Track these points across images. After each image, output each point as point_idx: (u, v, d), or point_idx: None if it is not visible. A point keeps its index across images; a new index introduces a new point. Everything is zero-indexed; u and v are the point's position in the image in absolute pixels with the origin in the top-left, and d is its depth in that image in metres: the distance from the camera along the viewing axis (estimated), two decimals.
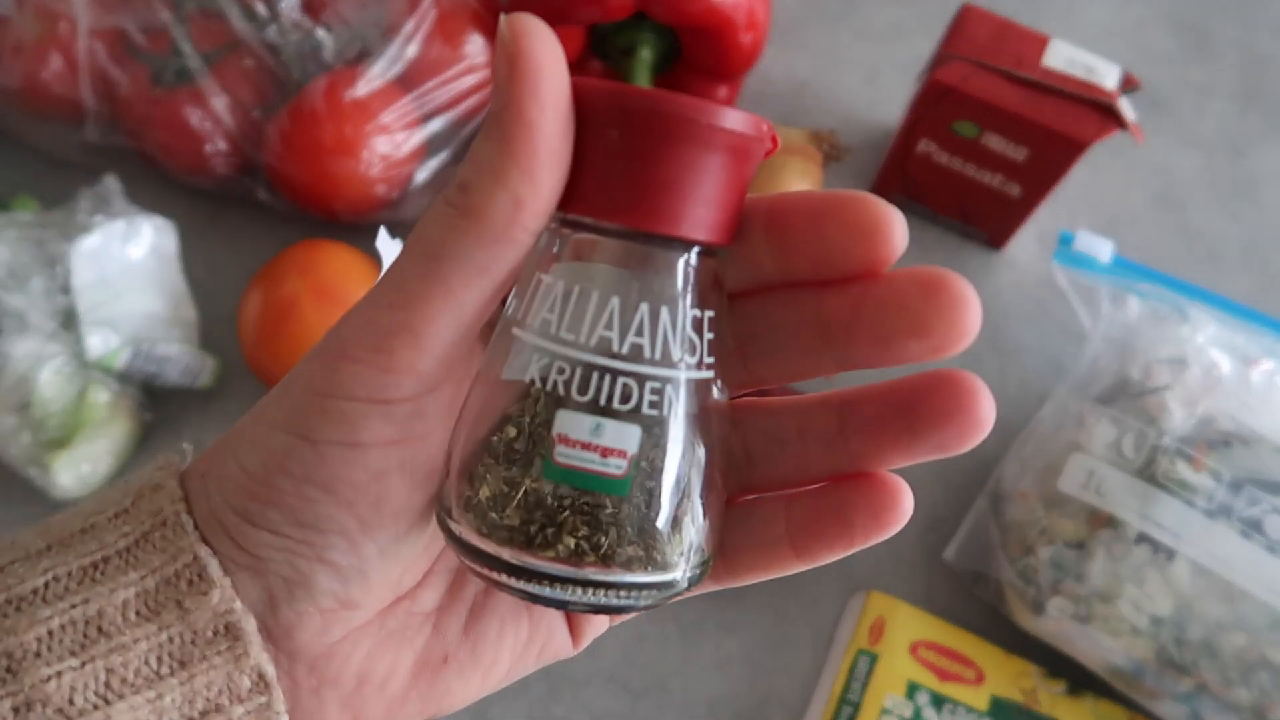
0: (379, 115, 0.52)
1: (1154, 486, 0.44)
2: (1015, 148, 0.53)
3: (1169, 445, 0.45)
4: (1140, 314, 0.50)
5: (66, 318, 0.49)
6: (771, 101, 0.65)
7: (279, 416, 0.23)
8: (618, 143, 0.22)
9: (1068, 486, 0.45)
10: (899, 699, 0.46)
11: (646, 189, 0.22)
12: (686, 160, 0.22)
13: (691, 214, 0.23)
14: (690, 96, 0.22)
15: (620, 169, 0.22)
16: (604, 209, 0.23)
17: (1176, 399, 0.46)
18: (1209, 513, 0.43)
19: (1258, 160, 0.65)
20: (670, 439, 0.23)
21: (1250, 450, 0.44)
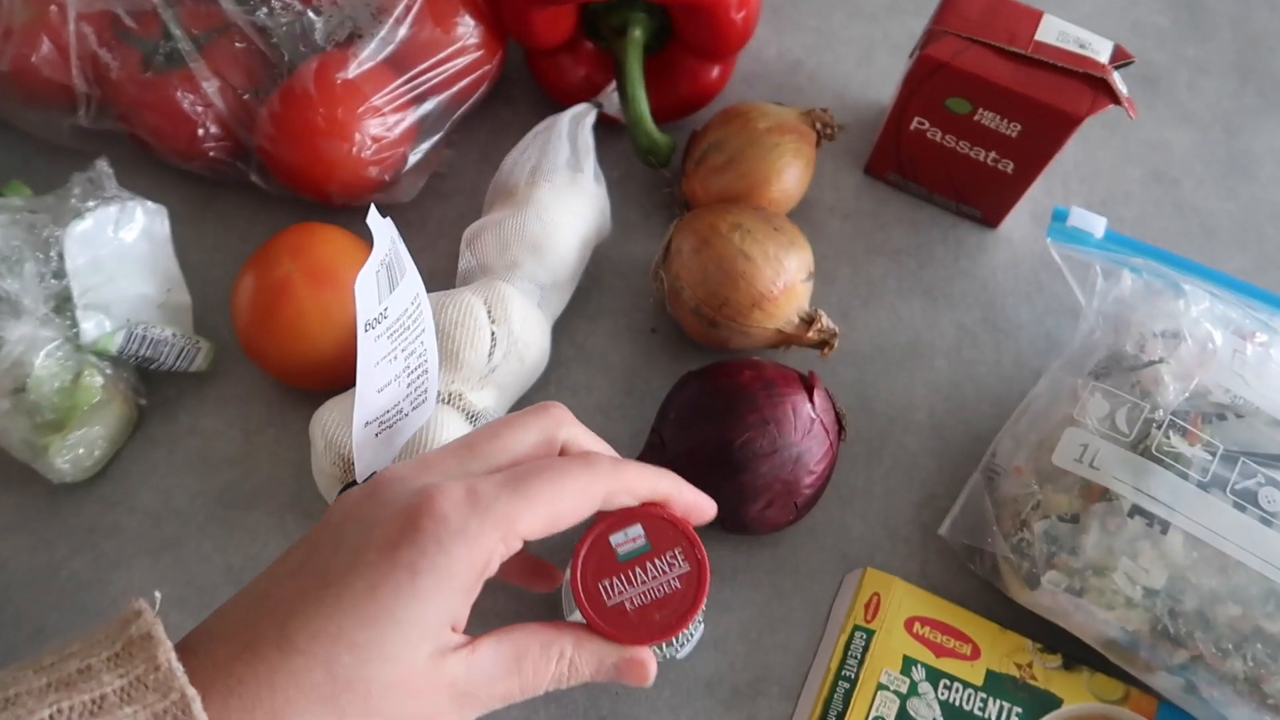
0: (370, 97, 0.52)
1: (1148, 459, 0.44)
2: (1008, 123, 0.53)
3: (1163, 418, 0.45)
4: (1134, 288, 0.50)
5: (60, 302, 0.49)
6: (764, 81, 0.65)
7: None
8: None
9: (1062, 460, 0.45)
10: (895, 674, 0.46)
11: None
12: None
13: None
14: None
15: None
16: None
17: (1170, 372, 0.46)
18: (1203, 485, 0.43)
19: (1253, 137, 0.65)
20: None
21: (1245, 423, 0.45)
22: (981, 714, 0.46)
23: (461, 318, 0.48)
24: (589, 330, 0.57)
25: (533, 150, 0.54)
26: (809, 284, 0.51)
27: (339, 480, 0.46)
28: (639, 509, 0.38)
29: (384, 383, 0.39)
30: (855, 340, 0.57)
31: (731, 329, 0.50)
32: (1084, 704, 0.46)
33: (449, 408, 0.48)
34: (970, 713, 0.46)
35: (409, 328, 0.40)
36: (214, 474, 0.52)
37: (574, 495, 0.34)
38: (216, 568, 0.50)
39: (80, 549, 0.50)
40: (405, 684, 0.31)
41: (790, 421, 0.46)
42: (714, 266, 0.49)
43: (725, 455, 0.46)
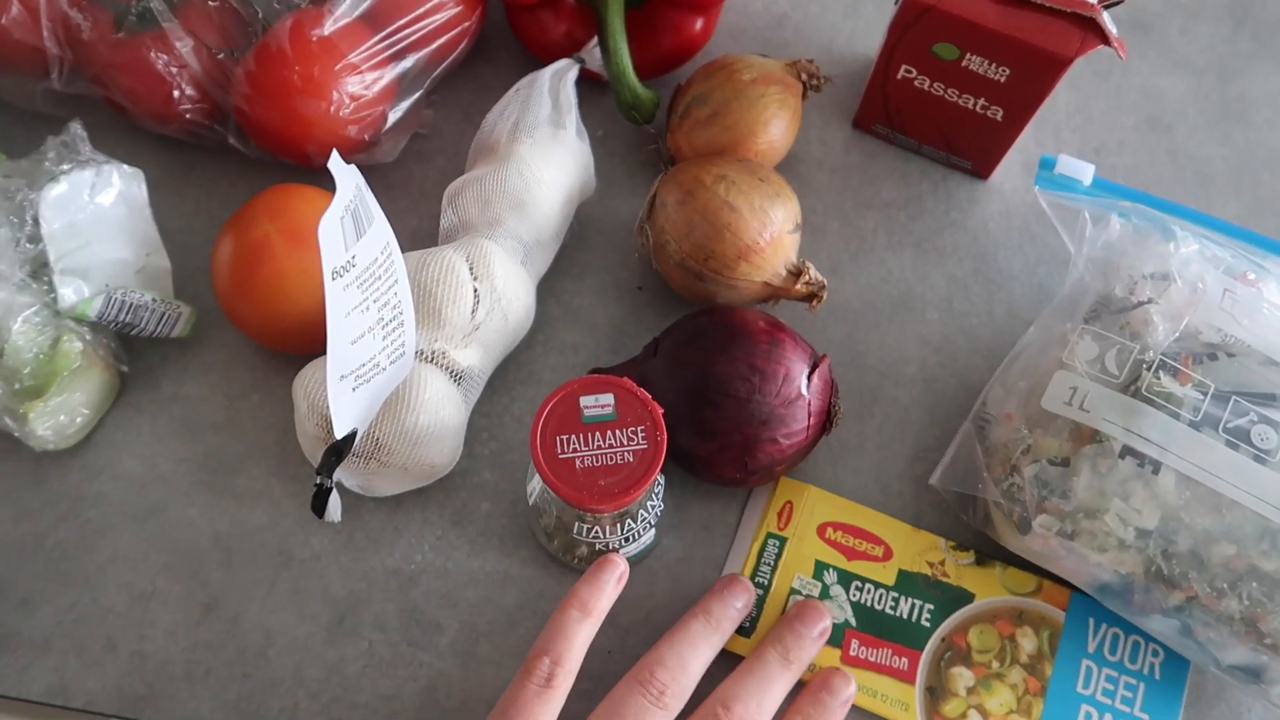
0: (347, 54, 0.52)
1: (1138, 400, 0.43)
2: (996, 68, 0.52)
3: (1153, 359, 0.44)
4: (1122, 233, 0.49)
5: (37, 268, 0.48)
6: (749, 35, 0.64)
7: None
8: None
9: (1051, 404, 0.45)
10: (807, 579, 0.48)
11: None
12: None
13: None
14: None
15: None
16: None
17: (1160, 313, 0.45)
18: (1194, 424, 0.42)
19: (1248, 82, 0.64)
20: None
21: (1236, 362, 0.44)
22: (893, 613, 0.47)
23: (443, 274, 0.47)
24: (575, 289, 0.56)
25: (514, 106, 0.53)
26: (796, 235, 0.50)
27: (323, 442, 0.46)
28: (616, 380, 0.41)
29: (356, 335, 0.39)
30: (846, 295, 0.56)
31: (718, 282, 0.49)
32: (996, 598, 0.48)
33: (432, 366, 0.47)
34: (882, 612, 0.47)
35: (380, 278, 0.40)
36: (198, 440, 0.52)
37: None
38: (203, 534, 0.50)
39: (65, 517, 0.50)
40: None
41: (776, 382, 0.45)
42: (699, 219, 0.48)
43: (702, 383, 0.46)
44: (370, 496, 0.49)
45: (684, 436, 0.46)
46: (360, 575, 0.49)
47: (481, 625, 0.48)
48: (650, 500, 0.45)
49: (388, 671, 0.47)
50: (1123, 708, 0.45)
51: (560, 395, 0.41)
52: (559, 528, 0.46)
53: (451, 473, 0.50)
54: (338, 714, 0.46)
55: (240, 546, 0.49)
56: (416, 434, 0.45)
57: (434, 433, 0.46)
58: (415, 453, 0.46)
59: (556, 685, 0.39)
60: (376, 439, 0.45)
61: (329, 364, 0.38)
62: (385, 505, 0.50)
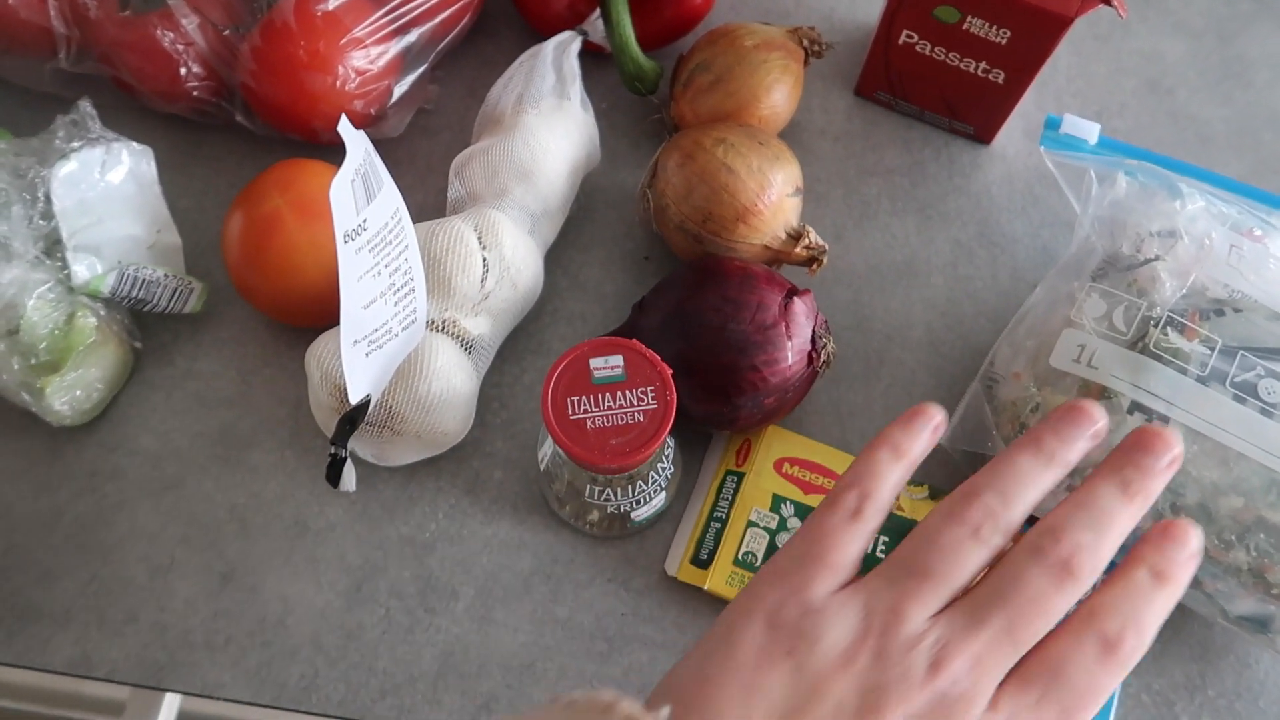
0: (352, 29, 0.52)
1: (1146, 356, 0.44)
2: (997, 30, 0.52)
3: (1160, 315, 0.44)
4: (1129, 191, 0.49)
5: (50, 245, 0.49)
6: (750, 5, 0.64)
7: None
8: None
9: (1059, 362, 0.45)
10: (764, 512, 0.49)
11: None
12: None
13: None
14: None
15: None
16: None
17: (1167, 270, 0.45)
18: (1202, 379, 0.43)
19: (1248, 42, 0.64)
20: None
21: (1243, 317, 0.44)
22: None
23: (452, 244, 0.48)
24: (583, 260, 0.56)
25: (518, 79, 0.54)
26: (796, 199, 0.51)
27: (336, 412, 0.46)
28: (625, 341, 0.41)
29: (369, 299, 0.39)
30: (850, 260, 0.57)
31: (716, 244, 0.50)
32: None
33: (443, 335, 0.48)
34: None
35: (391, 243, 0.40)
36: (212, 415, 0.52)
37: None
38: (219, 507, 0.50)
39: (82, 492, 0.50)
40: None
41: (750, 310, 0.45)
42: (698, 180, 0.49)
43: (677, 320, 0.46)
44: (384, 466, 0.50)
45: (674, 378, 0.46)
46: (376, 544, 0.49)
47: (496, 591, 0.49)
48: (660, 462, 0.45)
49: (405, 637, 0.48)
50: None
51: (571, 357, 0.41)
52: (571, 492, 0.46)
53: (463, 442, 0.51)
54: (356, 680, 0.47)
55: (256, 518, 0.50)
56: (429, 401, 0.46)
57: (446, 400, 0.46)
58: (428, 420, 0.46)
59: (866, 519, 0.33)
60: (389, 407, 0.45)
61: (342, 328, 0.39)
62: (399, 475, 0.51)
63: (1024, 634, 0.32)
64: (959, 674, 0.31)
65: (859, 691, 0.31)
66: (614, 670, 0.47)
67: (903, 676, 0.30)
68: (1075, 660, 0.32)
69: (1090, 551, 0.32)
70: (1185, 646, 0.48)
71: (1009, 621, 0.31)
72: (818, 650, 0.31)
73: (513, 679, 0.47)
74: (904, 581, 0.32)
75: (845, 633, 0.31)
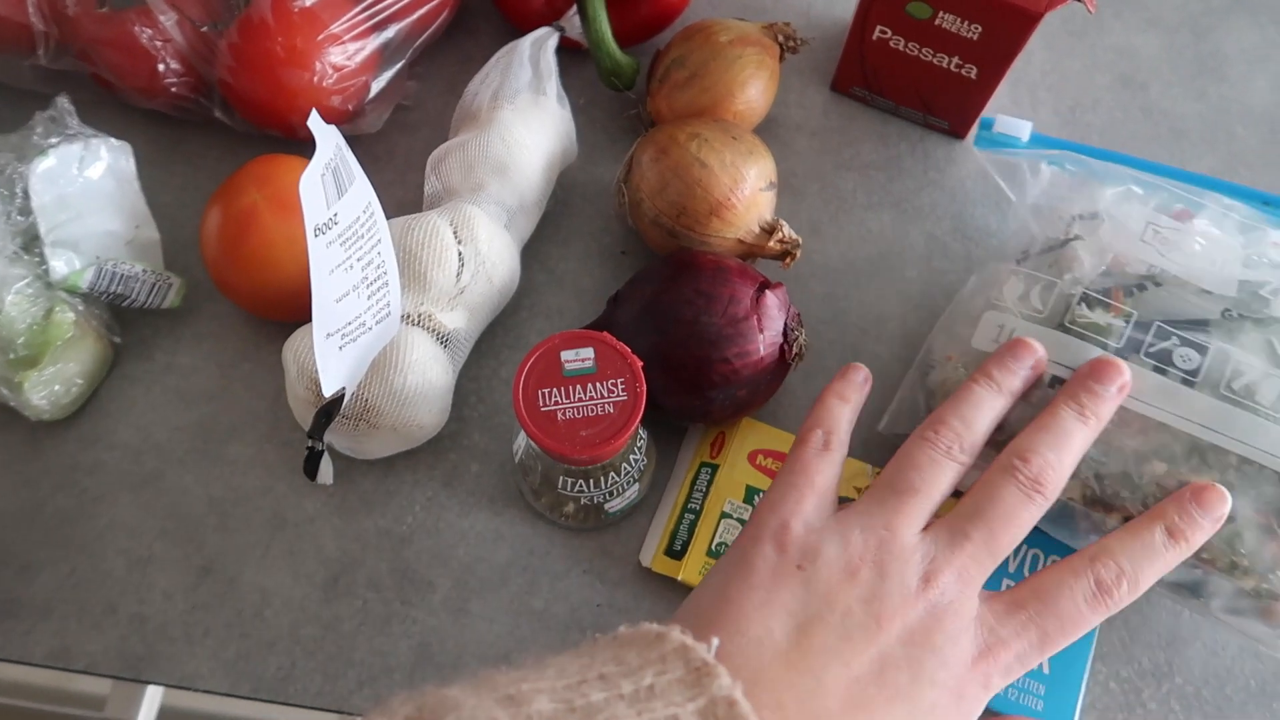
0: (330, 25, 0.52)
1: (1064, 333, 0.44)
2: (969, 25, 0.52)
3: (1079, 292, 0.45)
4: (1057, 179, 0.50)
5: (28, 240, 0.49)
6: (727, 1, 0.64)
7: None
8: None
9: (981, 343, 0.46)
10: (738, 503, 0.49)
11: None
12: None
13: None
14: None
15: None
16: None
17: (1086, 248, 0.46)
18: (1120, 351, 0.43)
19: (1222, 37, 0.65)
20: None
21: (1164, 291, 0.44)
22: None
23: (427, 238, 0.48)
24: (560, 255, 0.57)
25: (495, 74, 0.54)
26: (770, 193, 0.51)
27: (313, 405, 0.47)
28: (595, 334, 0.41)
29: (341, 292, 0.40)
30: (826, 254, 0.57)
31: (691, 239, 0.50)
32: None
33: (419, 328, 0.48)
34: None
35: (363, 236, 0.40)
36: (192, 409, 0.53)
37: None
38: (198, 499, 0.51)
39: (63, 486, 0.51)
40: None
41: (722, 303, 0.46)
42: (671, 175, 0.49)
43: (650, 314, 0.47)
44: (361, 459, 0.50)
45: (645, 374, 0.46)
46: (353, 536, 0.50)
47: (473, 582, 0.49)
48: (633, 454, 0.46)
49: (382, 629, 0.48)
50: None
51: (541, 350, 0.42)
52: (545, 484, 0.47)
53: (441, 435, 0.51)
54: (333, 671, 0.47)
55: (235, 511, 0.50)
56: (405, 395, 0.46)
57: (422, 393, 0.47)
58: (404, 413, 0.47)
59: (833, 448, 0.40)
60: (365, 400, 0.46)
61: (315, 322, 0.39)
62: (376, 468, 0.51)
63: (1001, 544, 0.37)
64: (947, 584, 0.36)
65: (863, 601, 0.35)
66: None
67: (900, 588, 0.35)
68: (1067, 595, 0.36)
69: (1054, 468, 0.38)
70: (1153, 634, 0.48)
71: (988, 533, 0.37)
72: (821, 563, 0.36)
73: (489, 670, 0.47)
74: (891, 500, 0.38)
75: (846, 547, 0.36)
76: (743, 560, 0.37)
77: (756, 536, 0.37)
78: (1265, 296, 0.44)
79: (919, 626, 0.35)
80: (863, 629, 0.34)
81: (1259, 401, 0.41)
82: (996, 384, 0.42)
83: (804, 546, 0.36)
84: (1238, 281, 0.44)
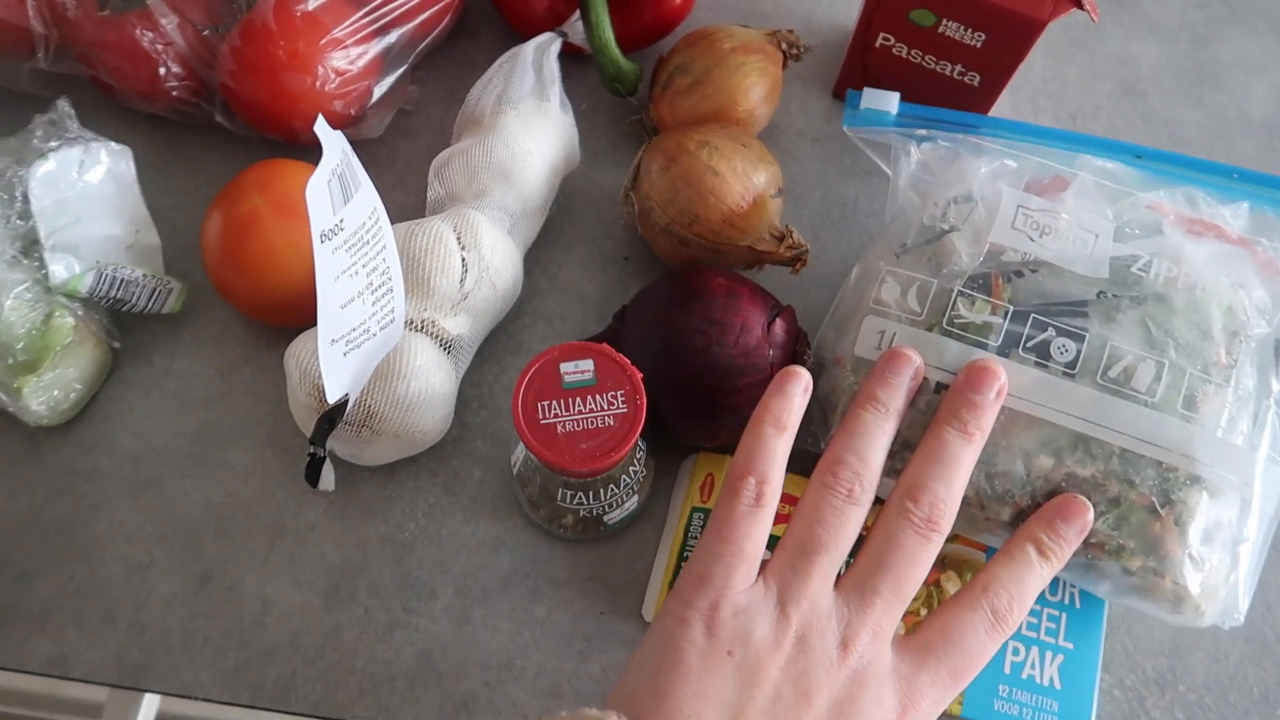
0: (332, 29, 0.52)
1: (941, 335, 0.44)
2: (972, 33, 0.52)
3: (956, 288, 0.44)
4: (928, 158, 0.49)
5: (28, 245, 0.49)
6: (730, 6, 0.64)
7: None
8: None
9: (864, 350, 0.45)
10: None
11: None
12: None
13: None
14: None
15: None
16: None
17: (962, 239, 0.45)
18: (1000, 349, 0.43)
19: (1221, 46, 0.65)
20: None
21: (1040, 276, 0.44)
22: None
23: (431, 244, 0.48)
24: (562, 260, 0.57)
25: (498, 80, 0.54)
26: (779, 200, 0.51)
27: (315, 411, 0.46)
28: (595, 345, 0.41)
29: (346, 299, 0.39)
30: (829, 261, 0.57)
31: (703, 247, 0.50)
32: None
33: (422, 334, 0.48)
34: None
35: (368, 243, 0.40)
36: (191, 414, 0.52)
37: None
38: (198, 505, 0.50)
39: (60, 492, 0.50)
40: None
41: (733, 332, 0.46)
42: (683, 184, 0.49)
43: (661, 340, 0.46)
44: (363, 466, 0.50)
45: (652, 395, 0.46)
46: (355, 543, 0.50)
47: (475, 590, 0.49)
48: (632, 466, 0.45)
49: (384, 636, 0.48)
50: (1047, 639, 0.47)
51: (541, 362, 0.41)
52: (544, 496, 0.46)
53: (443, 441, 0.51)
54: (335, 679, 0.47)
55: (235, 517, 0.50)
56: (408, 401, 0.46)
57: (425, 400, 0.46)
58: (407, 420, 0.46)
59: (765, 503, 0.39)
60: (368, 407, 0.46)
61: (319, 328, 0.39)
62: (378, 474, 0.51)
63: (906, 590, 0.38)
64: (864, 646, 0.37)
65: (791, 681, 0.36)
66: (593, 668, 0.47)
67: (823, 659, 0.36)
68: (969, 632, 0.38)
69: (945, 502, 0.39)
70: (1157, 642, 0.48)
71: (894, 584, 0.38)
72: (751, 645, 0.36)
73: (491, 678, 0.47)
74: (803, 564, 0.38)
75: (773, 627, 0.37)
76: (672, 646, 0.36)
77: (684, 618, 0.37)
78: (1137, 273, 0.44)
79: (844, 695, 0.36)
80: (793, 708, 0.35)
81: (1134, 388, 0.42)
82: (883, 406, 0.41)
83: (733, 631, 0.36)
84: (1110, 260, 0.44)
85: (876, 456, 0.41)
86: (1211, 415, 0.42)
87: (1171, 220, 0.44)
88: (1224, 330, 0.43)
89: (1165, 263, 0.44)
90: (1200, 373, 0.42)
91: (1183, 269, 0.44)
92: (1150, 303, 0.43)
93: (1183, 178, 0.47)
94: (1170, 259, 0.44)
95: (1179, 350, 0.42)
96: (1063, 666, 0.46)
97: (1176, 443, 0.41)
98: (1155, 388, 0.42)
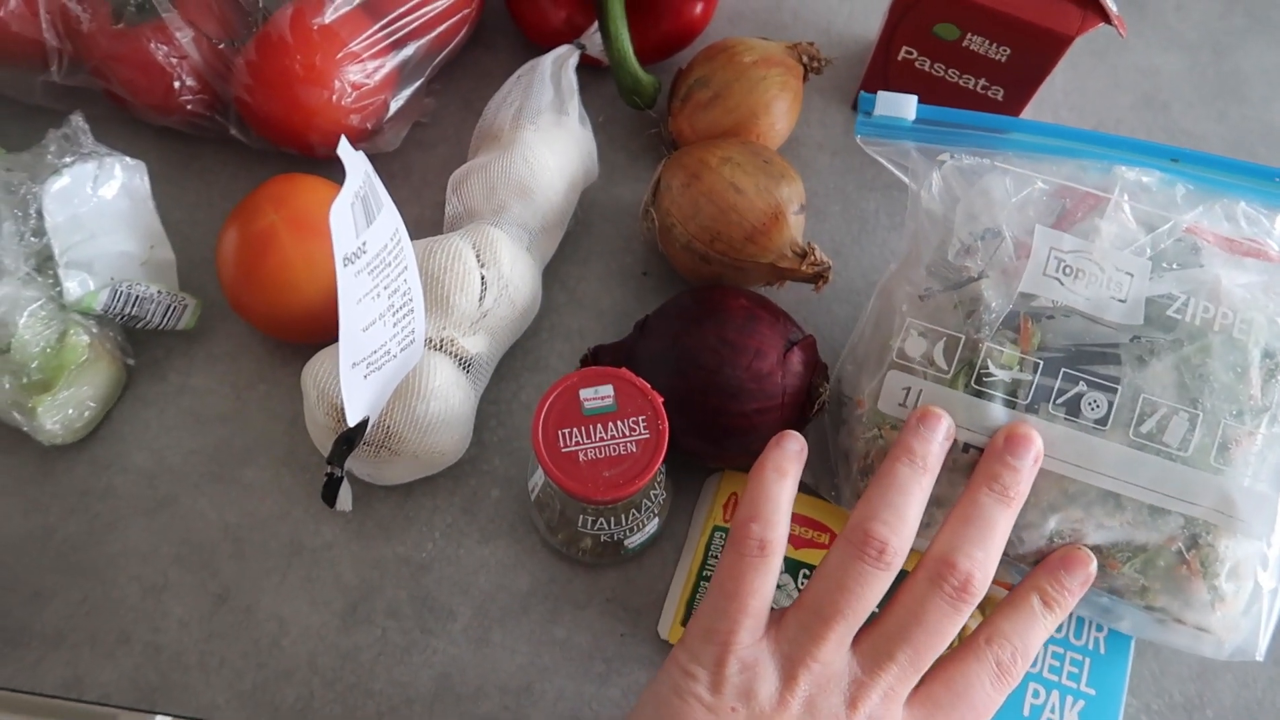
0: (348, 43, 0.52)
1: (970, 395, 0.42)
2: (997, 48, 0.52)
3: (985, 343, 0.42)
4: (950, 177, 0.46)
5: (42, 261, 0.48)
6: (748, 19, 0.64)
7: None
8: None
9: (887, 406, 0.43)
10: None
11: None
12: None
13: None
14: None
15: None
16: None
17: (991, 286, 0.43)
18: (1029, 406, 0.41)
19: (1242, 58, 0.64)
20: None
21: (1073, 320, 0.42)
22: None
23: (450, 262, 0.47)
24: (580, 275, 0.56)
25: (516, 93, 0.53)
26: (801, 216, 0.50)
27: (333, 431, 0.46)
28: (614, 370, 0.41)
29: (368, 321, 0.39)
30: (849, 276, 0.57)
31: (725, 264, 0.49)
32: None
33: (441, 353, 0.47)
34: None
35: (390, 264, 0.40)
36: (206, 432, 0.52)
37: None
38: (213, 525, 0.50)
39: (74, 511, 0.50)
40: None
41: (747, 356, 0.45)
42: (705, 201, 0.49)
43: (672, 355, 0.46)
44: (380, 485, 0.50)
45: (665, 411, 0.45)
46: (372, 563, 0.49)
47: (494, 611, 0.48)
48: (653, 489, 0.45)
49: (402, 658, 0.47)
50: (1069, 683, 0.46)
51: (560, 389, 0.41)
52: (563, 521, 0.46)
53: (460, 460, 0.50)
54: (353, 702, 0.46)
55: (251, 537, 0.49)
56: (427, 421, 0.45)
57: (444, 420, 0.46)
58: (425, 440, 0.46)
59: (771, 553, 0.37)
60: (387, 427, 0.45)
61: (341, 351, 0.38)
62: (395, 494, 0.50)
63: (925, 660, 0.37)
64: (873, 707, 0.36)
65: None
66: (613, 692, 0.47)
67: (830, 719, 0.36)
68: (975, 685, 0.38)
69: (981, 568, 0.37)
70: (1184, 666, 0.48)
71: (913, 653, 0.37)
72: (756, 703, 0.36)
73: (510, 701, 0.46)
74: (817, 627, 0.37)
75: (779, 685, 0.36)
76: (677, 697, 0.36)
77: (690, 673, 0.36)
78: (1173, 316, 0.41)
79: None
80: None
81: (1166, 442, 0.40)
82: (920, 460, 0.39)
83: (738, 687, 0.36)
84: (1145, 301, 0.42)
85: (912, 516, 0.38)
86: (1243, 461, 0.40)
87: (1210, 243, 0.43)
88: (1261, 370, 0.41)
89: (1202, 302, 0.42)
90: (1234, 420, 0.40)
91: (1220, 308, 0.41)
92: (1186, 346, 0.41)
93: (1222, 184, 0.45)
94: (1208, 297, 0.42)
95: (1213, 394, 0.40)
96: (1083, 713, 0.45)
97: (1208, 498, 0.40)
98: (1189, 440, 0.40)
